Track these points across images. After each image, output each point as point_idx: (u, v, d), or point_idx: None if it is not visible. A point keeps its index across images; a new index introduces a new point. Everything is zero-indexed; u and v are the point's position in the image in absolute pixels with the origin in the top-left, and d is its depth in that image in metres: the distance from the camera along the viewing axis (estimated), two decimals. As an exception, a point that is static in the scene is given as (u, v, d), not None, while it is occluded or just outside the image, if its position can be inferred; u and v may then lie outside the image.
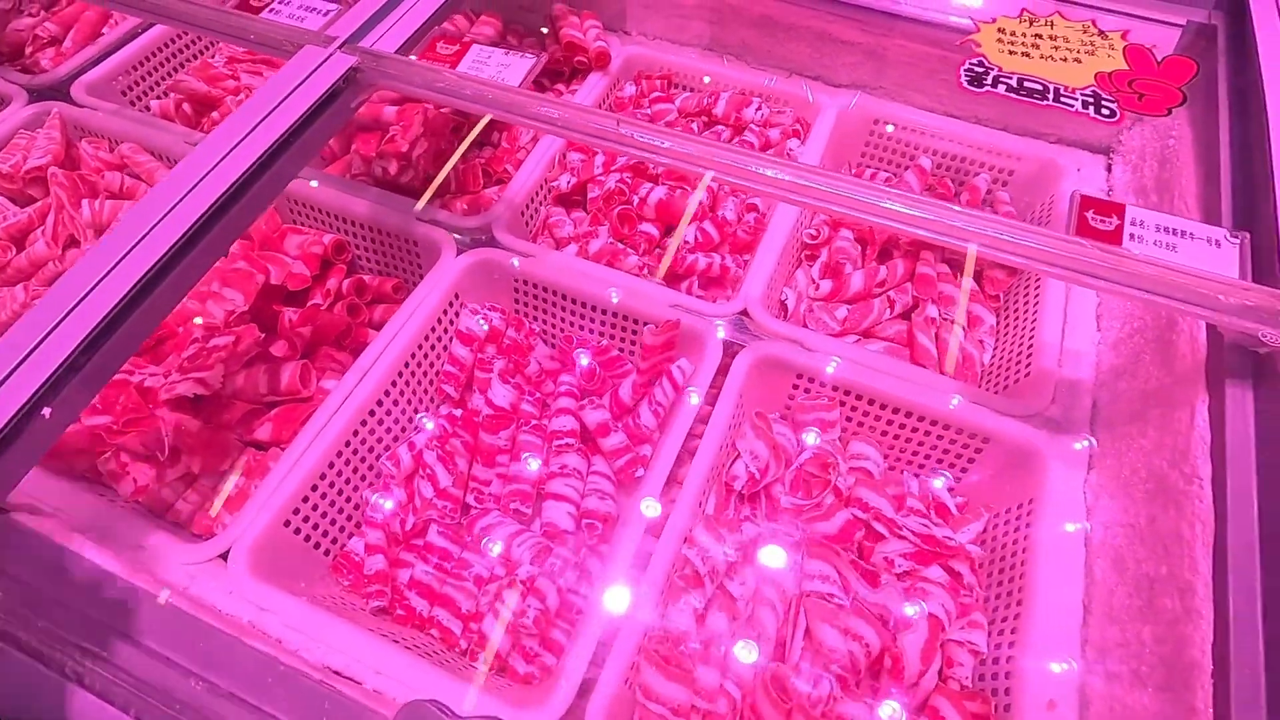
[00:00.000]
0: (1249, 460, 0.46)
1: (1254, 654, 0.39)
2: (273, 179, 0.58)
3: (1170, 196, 0.69)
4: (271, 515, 0.60)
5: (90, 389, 0.48)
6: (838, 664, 0.55)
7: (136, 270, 0.50)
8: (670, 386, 0.70)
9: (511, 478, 0.69)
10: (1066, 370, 0.69)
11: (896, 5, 0.83)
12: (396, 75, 0.62)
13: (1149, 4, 0.75)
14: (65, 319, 0.48)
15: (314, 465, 0.63)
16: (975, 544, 0.65)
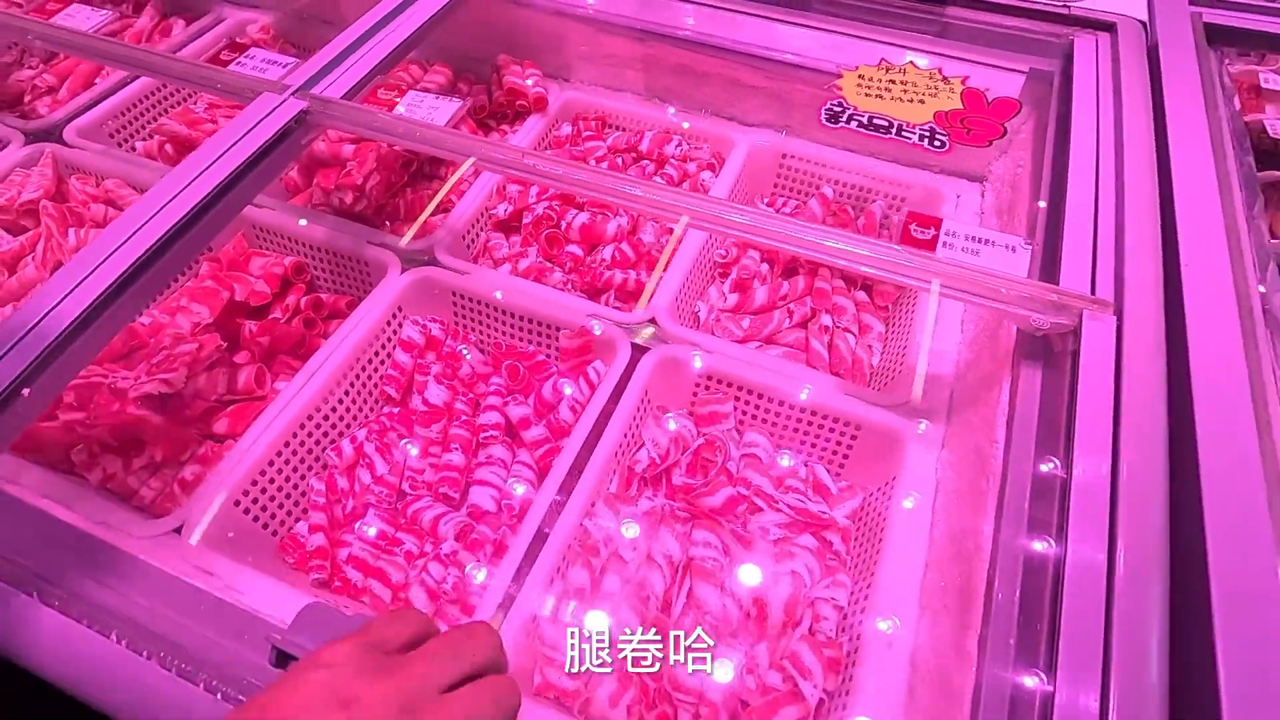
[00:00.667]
0: (1031, 423, 0.55)
1: (1013, 579, 0.48)
2: (232, 203, 0.68)
3: (1012, 216, 0.80)
4: (223, 496, 0.68)
5: (64, 377, 0.58)
6: (713, 615, 0.64)
7: (107, 278, 0.60)
8: (586, 385, 0.80)
9: (442, 466, 0.77)
10: (932, 367, 0.79)
11: (792, 56, 0.96)
12: (340, 117, 0.73)
13: (1001, 55, 0.88)
14: (45, 317, 0.58)
15: (263, 453, 0.71)
16: (849, 519, 0.73)
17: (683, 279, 0.87)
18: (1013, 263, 0.60)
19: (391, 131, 0.71)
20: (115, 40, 0.86)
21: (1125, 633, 0.41)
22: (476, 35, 1.13)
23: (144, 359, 0.81)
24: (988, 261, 0.61)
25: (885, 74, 0.78)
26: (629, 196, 0.64)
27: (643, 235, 0.94)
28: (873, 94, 0.76)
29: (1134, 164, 0.66)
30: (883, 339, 0.91)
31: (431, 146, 0.70)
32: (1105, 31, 0.83)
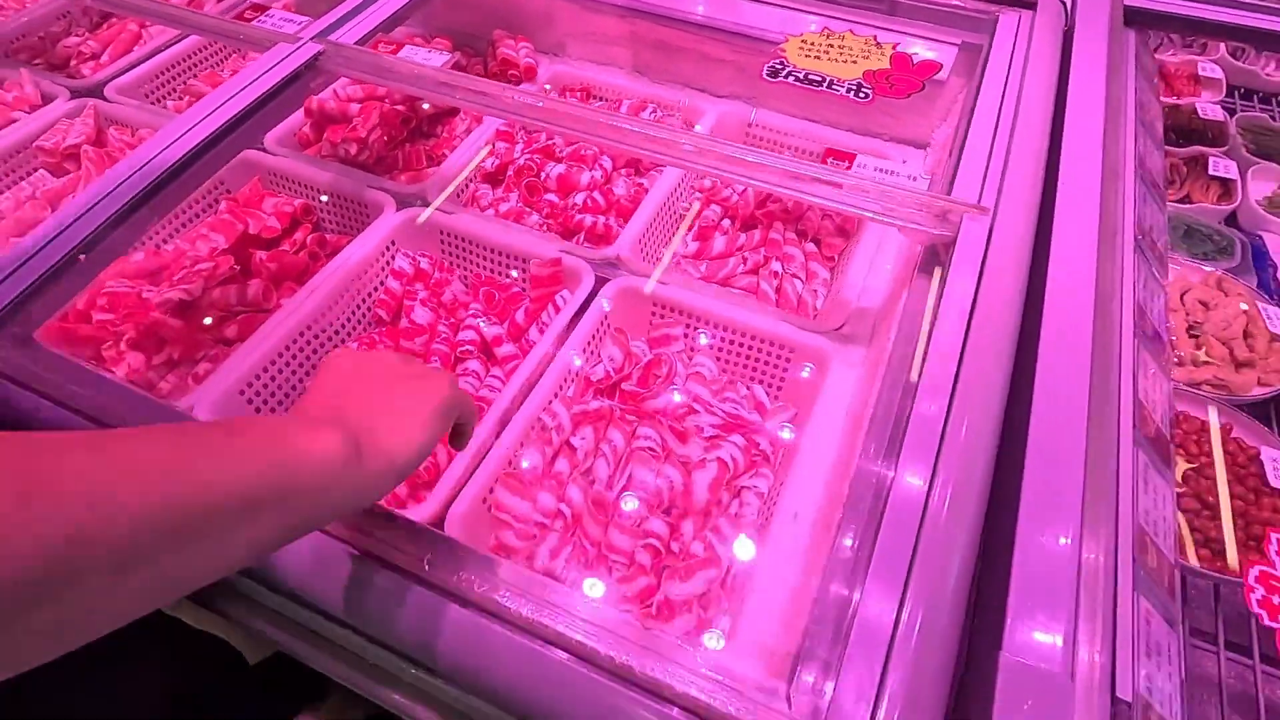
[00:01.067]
0: (915, 325, 0.64)
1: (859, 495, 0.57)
2: (245, 134, 0.79)
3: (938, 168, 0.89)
4: (227, 385, 0.78)
5: (104, 260, 0.69)
6: (646, 493, 0.73)
7: (134, 189, 0.71)
8: (553, 311, 0.90)
9: (422, 375, 0.87)
10: (864, 300, 0.88)
11: (757, 31, 1.06)
12: (350, 60, 0.84)
13: (940, 30, 0.97)
14: (87, 212, 0.69)
15: (264, 354, 0.82)
16: (782, 428, 0.83)
17: (646, 224, 0.97)
18: (915, 188, 0.70)
19: (395, 73, 0.81)
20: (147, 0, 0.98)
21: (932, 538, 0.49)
22: (476, 13, 1.25)
23: (168, 277, 0.92)
24: (894, 184, 0.70)
25: (826, 39, 0.88)
26: (609, 130, 0.74)
27: (614, 187, 1.04)
28: (811, 55, 0.86)
29: (1027, 121, 0.75)
30: (828, 285, 1.00)
31: (429, 91, 0.81)
32: (1029, 9, 0.92)
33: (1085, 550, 0.48)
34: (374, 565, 0.52)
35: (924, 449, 0.53)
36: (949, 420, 0.54)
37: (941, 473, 0.51)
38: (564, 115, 0.75)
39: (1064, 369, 0.56)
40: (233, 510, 0.32)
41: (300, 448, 0.36)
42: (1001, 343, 0.56)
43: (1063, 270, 0.61)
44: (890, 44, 0.87)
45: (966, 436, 0.53)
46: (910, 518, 0.49)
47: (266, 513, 0.34)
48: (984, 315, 0.58)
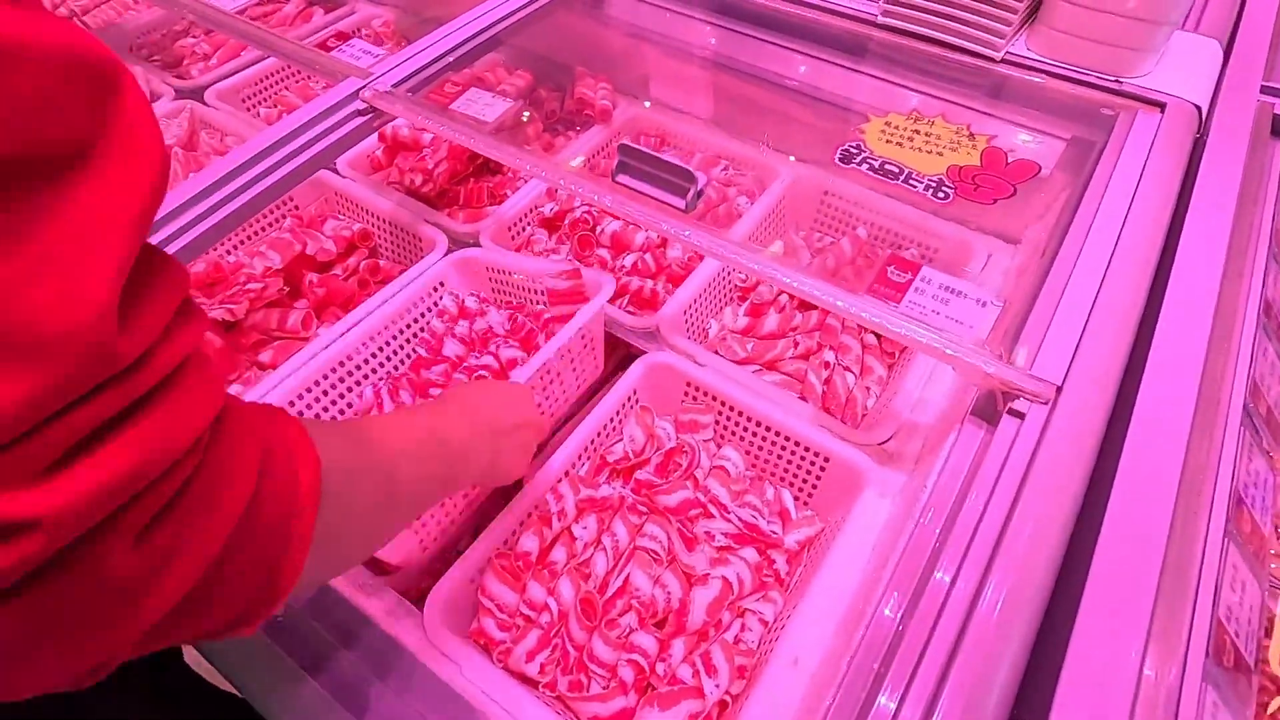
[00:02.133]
0: (960, 470, 0.57)
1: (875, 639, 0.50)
2: (318, 157, 0.79)
3: (1020, 278, 0.79)
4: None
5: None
6: (639, 603, 0.68)
7: (209, 200, 0.72)
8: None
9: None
10: (915, 414, 0.80)
11: (841, 99, 0.99)
12: (402, 108, 0.83)
13: (1048, 120, 0.87)
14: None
15: (296, 385, 0.82)
16: (800, 545, 0.76)
17: (695, 294, 0.92)
18: (978, 318, 0.62)
19: (447, 122, 0.80)
20: (244, 19, 1.01)
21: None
22: (562, 46, 1.23)
23: (221, 290, 0.94)
24: (954, 311, 0.62)
25: (912, 124, 0.81)
26: (645, 221, 0.70)
27: (670, 250, 1.00)
28: (893, 141, 0.79)
29: (1132, 244, 0.65)
30: (883, 384, 0.92)
31: (477, 144, 0.79)
32: (1155, 109, 0.81)
33: (1149, 664, 0.40)
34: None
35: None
36: (976, 608, 0.46)
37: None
38: (600, 189, 0.71)
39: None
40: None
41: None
42: (1048, 547, 0.48)
43: (1136, 461, 0.51)
44: (985, 136, 0.78)
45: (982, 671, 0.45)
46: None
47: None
48: (1035, 495, 0.50)
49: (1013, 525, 0.48)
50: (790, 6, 1.05)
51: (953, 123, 0.80)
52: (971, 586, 0.47)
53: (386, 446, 0.42)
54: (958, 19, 0.89)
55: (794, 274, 0.62)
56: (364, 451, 0.40)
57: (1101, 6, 0.82)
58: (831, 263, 0.98)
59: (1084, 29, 0.85)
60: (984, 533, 0.49)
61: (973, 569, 0.48)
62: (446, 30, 0.96)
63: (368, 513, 0.39)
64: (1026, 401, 0.55)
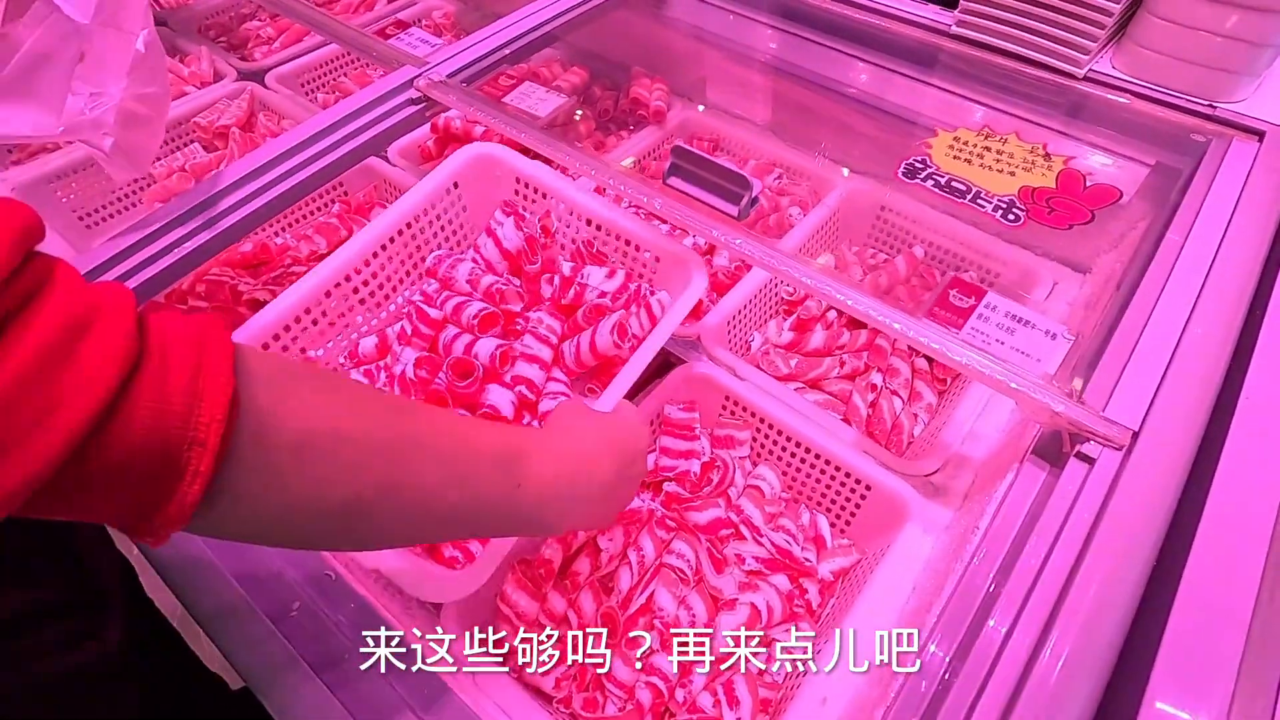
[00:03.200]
0: (1017, 514, 0.52)
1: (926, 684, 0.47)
2: (369, 144, 0.79)
3: (1092, 309, 0.74)
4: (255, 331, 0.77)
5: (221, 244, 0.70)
6: (662, 623, 0.65)
7: (262, 179, 0.72)
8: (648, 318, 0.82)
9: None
10: (965, 447, 0.76)
11: (905, 111, 0.95)
12: (455, 98, 0.82)
13: (1131, 144, 0.82)
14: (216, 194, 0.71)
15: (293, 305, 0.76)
16: (835, 575, 0.72)
17: (740, 305, 0.89)
18: (1046, 350, 0.58)
19: (499, 116, 0.79)
20: (309, 4, 1.01)
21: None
22: (620, 44, 1.21)
23: (266, 271, 0.95)
24: (1020, 343, 0.58)
25: (983, 140, 0.76)
26: (695, 226, 0.67)
27: (717, 258, 0.97)
28: (961, 158, 0.75)
29: (1222, 281, 0.60)
30: (932, 411, 0.87)
31: (525, 139, 0.77)
32: (1252, 137, 0.76)
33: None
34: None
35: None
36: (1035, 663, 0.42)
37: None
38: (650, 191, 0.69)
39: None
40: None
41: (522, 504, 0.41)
42: (1117, 609, 0.44)
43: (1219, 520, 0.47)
44: (1062, 157, 0.74)
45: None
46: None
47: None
48: (1104, 549, 0.46)
49: (1078, 580, 0.44)
50: (858, 13, 1.01)
51: (1027, 141, 0.76)
52: (1030, 641, 0.43)
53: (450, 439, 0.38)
54: (1039, 32, 0.84)
55: (850, 291, 0.59)
56: (402, 423, 0.36)
57: (1198, 24, 0.77)
58: (885, 281, 0.93)
59: (1177, 48, 0.79)
60: (1045, 585, 0.45)
61: (1031, 623, 0.44)
62: (504, 23, 0.94)
63: (354, 494, 0.33)
64: (1098, 445, 0.50)
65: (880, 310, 0.58)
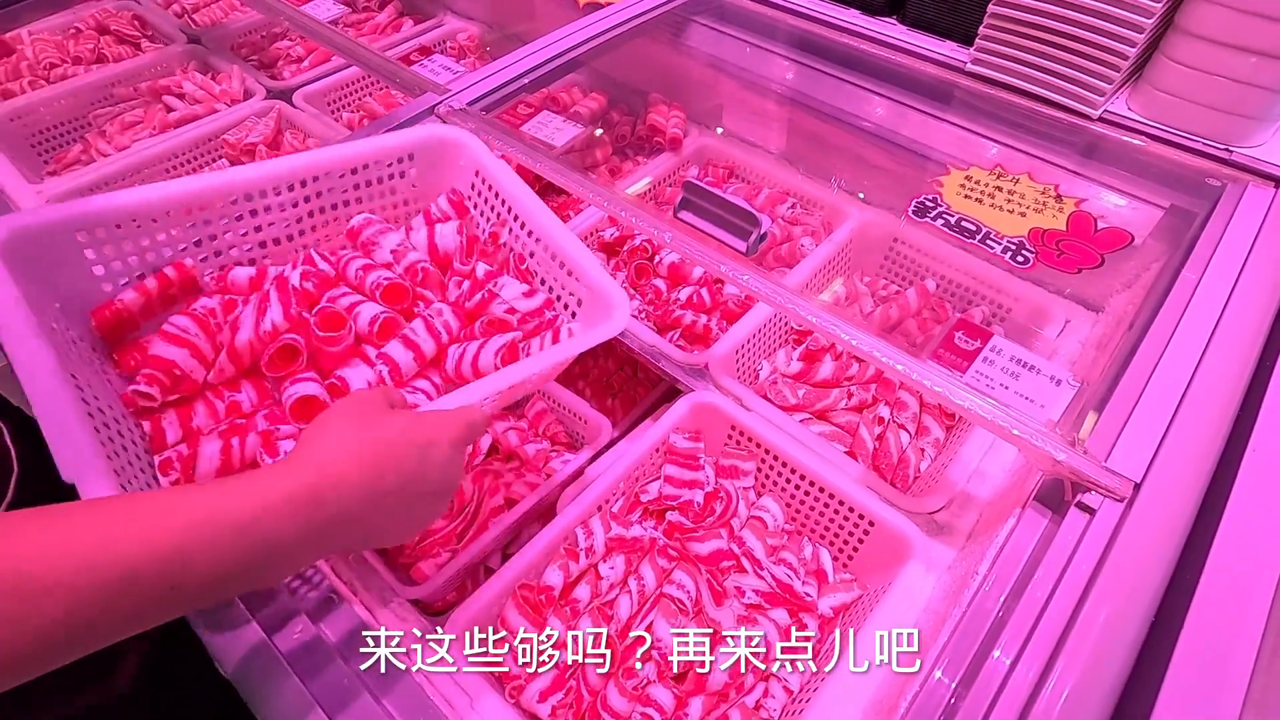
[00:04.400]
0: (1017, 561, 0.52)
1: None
2: None
3: (1104, 351, 0.74)
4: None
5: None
6: (660, 654, 0.65)
7: None
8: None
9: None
10: (971, 486, 0.75)
11: (919, 145, 0.95)
12: (474, 126, 0.84)
13: (1145, 186, 0.82)
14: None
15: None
16: (835, 610, 0.72)
17: (749, 334, 0.89)
18: (1050, 396, 0.58)
19: (515, 145, 0.80)
20: (333, 28, 1.04)
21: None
22: (638, 72, 1.23)
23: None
24: (1025, 388, 0.58)
25: (995, 179, 0.77)
26: (704, 260, 0.68)
27: (727, 287, 0.98)
28: (972, 197, 0.75)
29: (1233, 329, 0.60)
30: (939, 447, 0.87)
31: (542, 168, 0.79)
32: (1268, 183, 0.75)
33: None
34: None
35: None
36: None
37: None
38: (661, 224, 0.70)
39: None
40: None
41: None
42: (1113, 661, 0.43)
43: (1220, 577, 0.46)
44: (1074, 199, 0.74)
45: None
46: None
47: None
48: (1101, 603, 0.45)
49: (1075, 631, 0.44)
50: (874, 48, 1.02)
51: (1039, 181, 0.76)
52: (1027, 687, 0.42)
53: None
54: (1055, 72, 0.84)
55: (854, 331, 0.59)
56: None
57: (1216, 69, 0.77)
58: (895, 314, 0.94)
59: (1193, 92, 0.79)
60: (1043, 632, 0.45)
61: (1029, 667, 0.43)
62: (526, 51, 0.97)
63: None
64: (1099, 496, 0.50)
65: (885, 351, 0.58)
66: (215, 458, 0.54)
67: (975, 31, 0.92)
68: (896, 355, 0.57)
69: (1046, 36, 0.83)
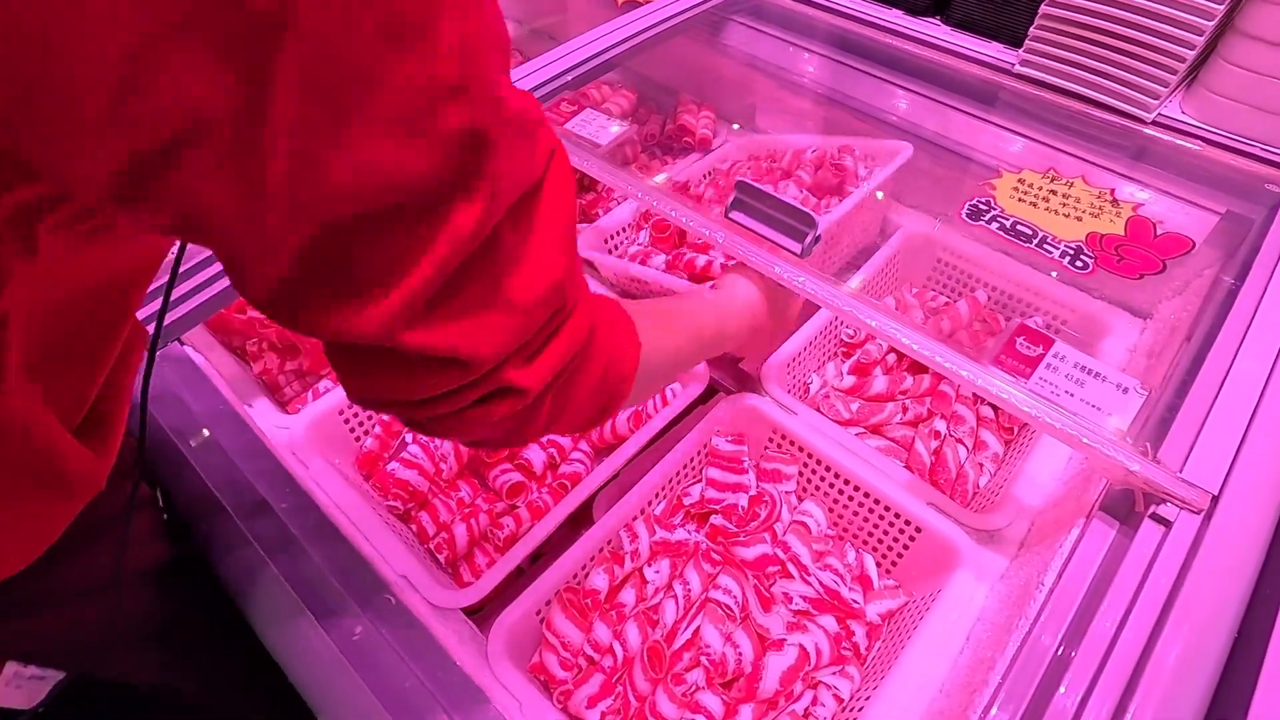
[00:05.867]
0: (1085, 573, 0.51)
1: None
2: None
3: (1160, 361, 0.73)
4: (329, 406, 0.79)
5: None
6: (709, 660, 0.64)
7: None
8: (660, 403, 0.83)
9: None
10: (1023, 493, 0.74)
11: (963, 148, 0.94)
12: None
13: (1200, 191, 0.80)
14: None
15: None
16: (882, 617, 0.71)
17: (800, 347, 0.87)
18: (1118, 404, 0.56)
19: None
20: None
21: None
22: (669, 69, 1.22)
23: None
24: (1090, 395, 0.57)
25: (1049, 183, 0.75)
26: (758, 262, 0.67)
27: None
28: (1026, 200, 0.74)
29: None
30: (998, 461, 0.85)
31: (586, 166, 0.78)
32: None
33: None
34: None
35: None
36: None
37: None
38: (713, 224, 0.69)
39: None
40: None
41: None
42: (1200, 682, 0.42)
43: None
44: (1130, 204, 0.72)
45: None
46: None
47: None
48: (1184, 618, 0.44)
49: (1158, 650, 0.43)
50: (917, 48, 1.01)
51: (1093, 185, 0.75)
52: (1105, 715, 0.41)
53: (683, 332, 0.57)
54: (1107, 74, 0.83)
55: (916, 335, 0.58)
56: (667, 336, 0.53)
57: (1275, 72, 0.75)
58: (947, 325, 0.92)
59: (1251, 95, 0.78)
60: (1121, 653, 0.43)
61: (1107, 695, 0.42)
62: (564, 50, 0.96)
63: (661, 371, 0.53)
64: (1174, 507, 0.49)
65: (948, 356, 0.57)
66: (464, 535, 0.75)
67: (1022, 32, 0.90)
68: (961, 361, 0.56)
69: (1100, 38, 0.82)
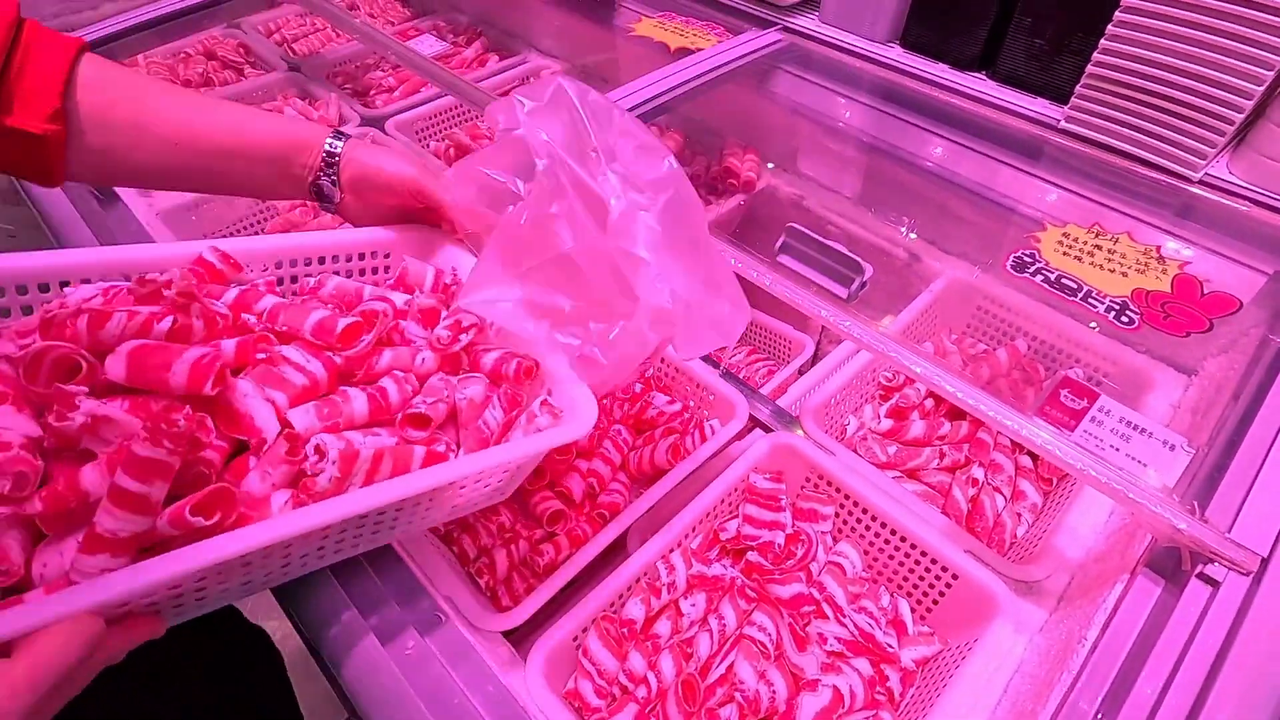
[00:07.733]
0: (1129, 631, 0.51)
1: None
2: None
3: (1206, 419, 0.72)
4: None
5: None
6: (743, 696, 0.65)
7: None
8: (699, 437, 0.85)
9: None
10: (1063, 545, 0.74)
11: (1008, 200, 0.95)
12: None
13: (1246, 250, 0.81)
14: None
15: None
16: (916, 664, 0.70)
17: (839, 387, 0.89)
18: (1164, 462, 0.57)
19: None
20: (439, 64, 1.09)
21: None
22: (716, 113, 1.26)
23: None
24: (1135, 450, 0.57)
25: (1094, 238, 0.77)
26: (804, 305, 0.69)
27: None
28: (1071, 254, 0.75)
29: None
30: (1036, 511, 0.85)
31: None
32: (1383, 254, 0.74)
33: None
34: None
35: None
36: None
37: None
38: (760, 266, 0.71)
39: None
40: None
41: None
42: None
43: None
44: (1177, 261, 0.73)
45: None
46: None
47: None
48: (1233, 684, 0.44)
49: (1203, 718, 0.43)
50: (963, 101, 1.03)
51: (1139, 242, 0.75)
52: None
53: None
54: (1154, 134, 0.84)
55: (959, 383, 0.60)
56: None
57: (1325, 138, 0.76)
58: (986, 373, 0.92)
59: (1300, 159, 0.79)
60: (1166, 717, 0.43)
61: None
62: (624, 92, 1.00)
63: None
64: (1222, 568, 0.49)
65: (992, 406, 0.58)
66: (504, 561, 0.75)
67: (1068, 89, 0.92)
68: (1005, 411, 0.57)
69: (1148, 99, 0.83)
